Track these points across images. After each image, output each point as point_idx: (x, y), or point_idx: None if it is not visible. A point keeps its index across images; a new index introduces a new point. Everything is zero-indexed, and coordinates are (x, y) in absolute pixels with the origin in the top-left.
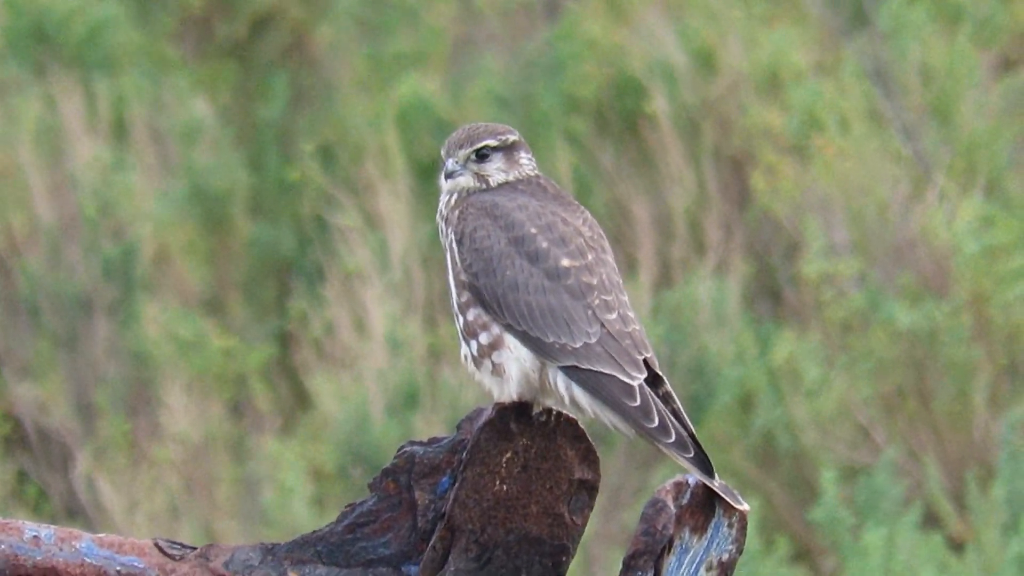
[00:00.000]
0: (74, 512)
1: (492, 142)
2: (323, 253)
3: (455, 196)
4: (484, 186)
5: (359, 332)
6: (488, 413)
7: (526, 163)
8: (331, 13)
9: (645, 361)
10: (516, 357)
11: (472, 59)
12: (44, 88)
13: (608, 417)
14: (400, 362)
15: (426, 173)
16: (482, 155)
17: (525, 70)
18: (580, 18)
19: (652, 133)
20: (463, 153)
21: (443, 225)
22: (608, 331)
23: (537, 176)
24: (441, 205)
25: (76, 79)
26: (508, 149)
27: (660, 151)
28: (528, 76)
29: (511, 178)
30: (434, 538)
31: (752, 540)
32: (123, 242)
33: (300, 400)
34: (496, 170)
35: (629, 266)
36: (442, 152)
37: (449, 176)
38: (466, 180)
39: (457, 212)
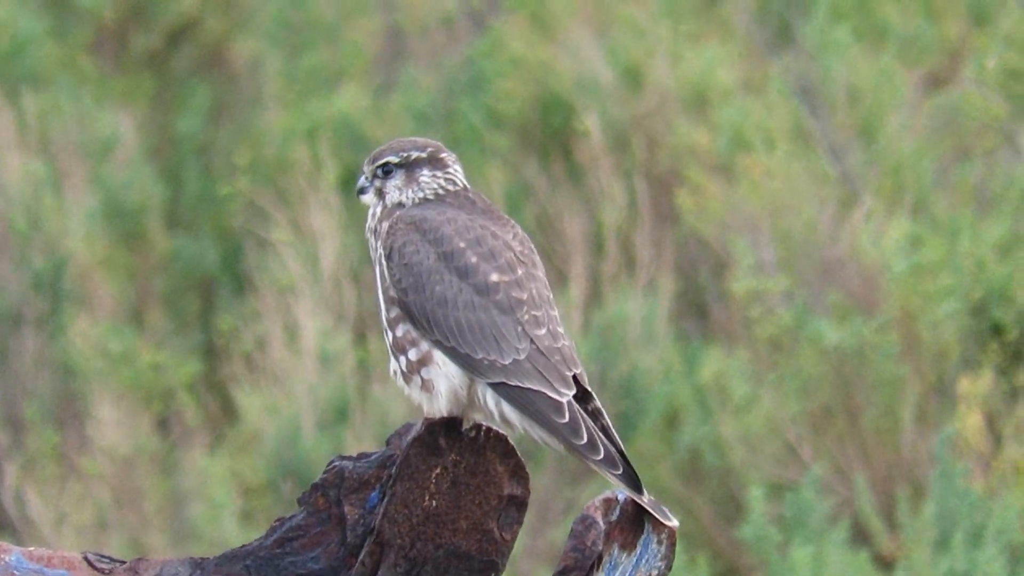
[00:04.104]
0: (1, 525)
1: (393, 159)
2: (251, 266)
3: (380, 209)
4: (384, 203)
5: (290, 346)
6: (417, 428)
7: (427, 181)
8: (250, 25)
9: (575, 377)
10: (445, 373)
11: (393, 74)
12: None
13: (537, 433)
14: (331, 377)
15: (348, 187)
16: (387, 171)
17: (448, 86)
18: (504, 35)
19: (583, 150)
20: (369, 169)
21: (372, 239)
22: (537, 347)
23: (466, 190)
24: (369, 219)
25: (2, 93)
26: (409, 166)
27: (592, 168)
28: (451, 92)
29: (405, 198)
30: (363, 553)
31: (677, 558)
32: (54, 256)
33: (226, 414)
34: (393, 187)
35: (560, 282)
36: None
37: (359, 192)
38: (368, 197)
39: (386, 226)
